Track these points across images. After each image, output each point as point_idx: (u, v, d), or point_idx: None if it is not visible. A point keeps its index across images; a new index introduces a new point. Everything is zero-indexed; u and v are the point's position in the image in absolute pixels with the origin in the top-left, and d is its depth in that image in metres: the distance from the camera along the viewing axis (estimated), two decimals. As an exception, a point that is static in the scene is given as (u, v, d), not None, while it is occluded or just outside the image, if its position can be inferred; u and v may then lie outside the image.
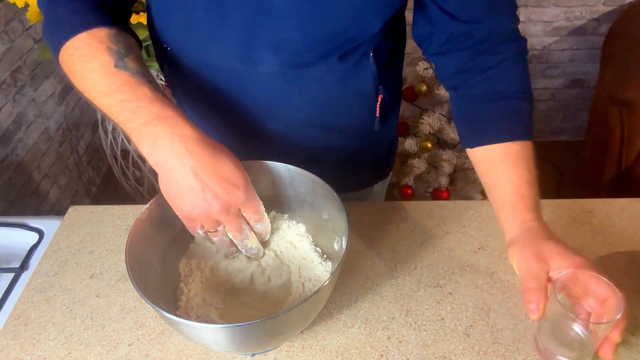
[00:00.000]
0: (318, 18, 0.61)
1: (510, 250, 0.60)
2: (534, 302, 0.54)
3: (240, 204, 0.54)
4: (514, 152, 0.62)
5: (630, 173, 1.78)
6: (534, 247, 0.57)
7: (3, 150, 1.57)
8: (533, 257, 0.56)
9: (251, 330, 0.50)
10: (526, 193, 0.61)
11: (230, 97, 0.71)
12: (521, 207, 0.61)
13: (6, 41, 1.58)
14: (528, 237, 0.58)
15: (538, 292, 0.54)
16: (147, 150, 0.52)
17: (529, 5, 2.04)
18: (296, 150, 0.75)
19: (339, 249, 0.63)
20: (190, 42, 0.67)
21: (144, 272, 0.57)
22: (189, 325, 0.50)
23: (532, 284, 0.54)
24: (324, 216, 0.66)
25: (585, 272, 0.54)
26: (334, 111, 0.74)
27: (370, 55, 0.68)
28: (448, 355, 0.62)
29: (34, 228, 0.83)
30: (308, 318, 0.57)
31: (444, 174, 1.82)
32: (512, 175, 0.62)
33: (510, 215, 0.61)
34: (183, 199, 0.52)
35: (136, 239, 0.58)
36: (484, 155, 0.65)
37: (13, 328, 0.67)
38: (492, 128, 0.65)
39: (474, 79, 0.66)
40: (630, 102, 1.65)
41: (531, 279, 0.55)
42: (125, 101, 0.53)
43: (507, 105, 0.64)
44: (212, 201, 0.52)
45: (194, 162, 0.51)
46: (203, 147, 0.52)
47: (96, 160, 2.19)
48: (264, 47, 0.64)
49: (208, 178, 0.51)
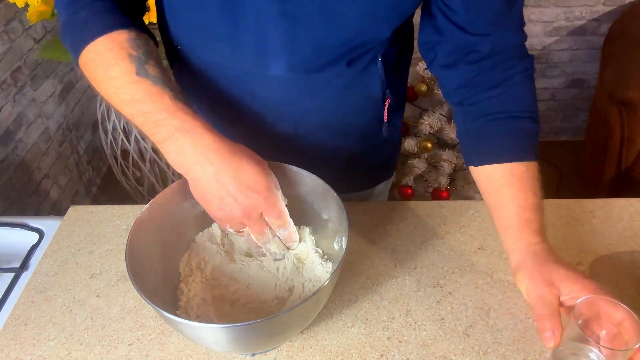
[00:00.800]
0: (330, 24, 0.62)
1: (518, 275, 0.59)
2: (548, 330, 0.53)
3: (261, 208, 0.55)
4: (519, 173, 0.62)
5: (630, 173, 1.78)
6: (543, 272, 0.56)
7: (3, 150, 1.57)
8: (543, 282, 0.55)
9: (251, 330, 0.50)
10: (531, 216, 0.60)
11: (240, 99, 0.72)
12: (527, 230, 0.60)
13: (6, 41, 1.58)
14: (535, 261, 0.58)
15: (552, 319, 0.53)
16: (173, 160, 0.55)
17: (529, 5, 2.04)
18: (302, 153, 0.76)
19: (339, 249, 0.63)
20: (202, 43, 0.68)
21: (144, 272, 0.57)
22: (189, 325, 0.50)
23: (544, 310, 0.54)
24: (324, 216, 0.66)
25: (604, 298, 0.53)
26: (342, 115, 0.75)
27: (378, 60, 0.69)
28: (448, 355, 0.62)
29: (34, 228, 0.83)
30: (308, 318, 0.57)
31: (444, 174, 1.82)
32: (517, 198, 0.61)
33: (516, 239, 0.61)
34: (209, 203, 0.56)
35: (136, 239, 0.58)
36: (488, 175, 0.65)
37: (13, 328, 0.67)
38: (498, 148, 0.64)
39: (479, 96, 0.65)
40: (630, 102, 1.65)
41: (543, 305, 0.54)
42: (147, 113, 0.56)
43: (514, 125, 0.64)
44: (234, 206, 0.54)
45: (215, 169, 0.54)
46: (224, 155, 0.54)
47: (96, 160, 2.19)
48: (276, 52, 0.64)
49: (229, 184, 0.54)
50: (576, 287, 0.54)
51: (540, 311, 0.54)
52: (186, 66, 0.72)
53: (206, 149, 0.54)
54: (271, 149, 0.69)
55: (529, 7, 2.04)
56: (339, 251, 0.62)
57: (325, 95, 0.70)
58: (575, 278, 0.55)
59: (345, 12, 0.60)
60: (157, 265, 0.61)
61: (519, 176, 0.62)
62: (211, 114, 0.77)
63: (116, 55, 0.58)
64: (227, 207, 0.55)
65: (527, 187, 0.61)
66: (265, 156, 0.66)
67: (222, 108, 0.75)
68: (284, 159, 0.66)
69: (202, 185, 0.55)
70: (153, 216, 0.61)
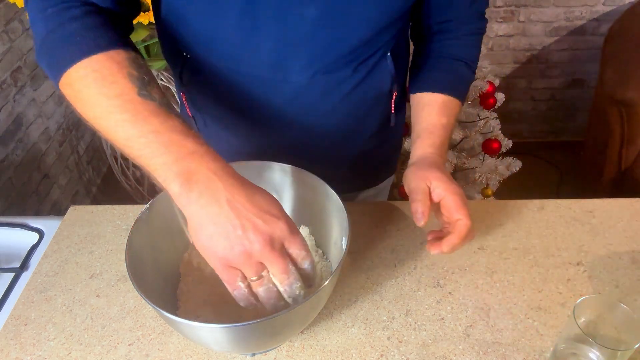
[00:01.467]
0: (349, 25, 0.62)
1: (406, 172, 0.67)
2: (420, 212, 0.60)
3: (283, 236, 0.47)
4: (442, 101, 0.72)
5: (630, 173, 1.78)
6: (423, 171, 0.64)
7: (3, 150, 1.57)
8: (420, 177, 0.63)
9: (251, 330, 0.50)
10: (435, 132, 0.69)
11: (253, 105, 0.72)
12: (427, 142, 0.68)
13: (6, 41, 1.58)
14: (421, 163, 0.66)
15: (423, 204, 0.61)
16: (177, 189, 0.46)
17: (529, 5, 2.04)
18: (315, 155, 0.76)
19: (339, 249, 0.63)
20: (217, 50, 0.67)
21: (144, 272, 0.57)
22: (189, 325, 0.50)
23: (418, 196, 0.61)
24: (324, 216, 0.66)
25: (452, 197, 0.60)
26: (353, 113, 0.76)
27: (388, 55, 0.71)
28: (448, 355, 0.62)
29: (34, 228, 0.83)
30: (308, 318, 0.57)
31: (444, 174, 1.82)
32: (431, 117, 0.70)
33: (417, 147, 0.69)
34: (219, 239, 0.45)
35: (136, 239, 0.58)
36: (419, 99, 0.74)
37: (13, 328, 0.67)
38: (434, 80, 0.74)
39: (434, 43, 0.75)
40: (630, 102, 1.65)
41: (417, 192, 0.62)
42: (153, 132, 0.48)
43: (453, 66, 0.74)
44: (253, 236, 0.45)
45: (230, 195, 0.46)
46: (239, 183, 0.47)
47: (96, 160, 2.19)
48: (296, 56, 0.64)
49: (246, 210, 0.45)
50: (442, 187, 0.61)
51: (415, 197, 0.61)
52: (197, 75, 0.71)
53: (221, 174, 0.47)
54: (284, 153, 0.69)
55: (529, 7, 2.04)
56: (339, 251, 0.62)
57: (339, 96, 0.71)
58: (444, 180, 0.62)
59: (363, 13, 0.62)
60: (157, 265, 0.61)
61: (440, 103, 0.72)
62: (222, 120, 0.77)
63: (115, 73, 0.51)
64: (244, 239, 0.45)
65: (443, 112, 0.71)
66: (272, 157, 0.66)
67: (234, 115, 0.75)
68: (296, 162, 0.65)
69: (212, 215, 0.45)
70: (153, 216, 0.61)
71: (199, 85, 0.74)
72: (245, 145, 0.79)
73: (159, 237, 0.62)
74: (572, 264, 0.73)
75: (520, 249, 0.75)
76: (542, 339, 0.63)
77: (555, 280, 0.71)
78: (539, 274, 0.72)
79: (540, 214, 0.81)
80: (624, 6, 2.02)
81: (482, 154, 1.81)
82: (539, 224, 0.80)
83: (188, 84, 0.75)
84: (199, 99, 0.77)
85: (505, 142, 1.77)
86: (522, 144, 2.33)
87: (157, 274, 0.61)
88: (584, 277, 0.71)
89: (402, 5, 0.64)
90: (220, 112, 0.76)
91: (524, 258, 0.74)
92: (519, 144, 1.91)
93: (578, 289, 0.69)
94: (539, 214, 0.81)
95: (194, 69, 0.71)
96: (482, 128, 1.74)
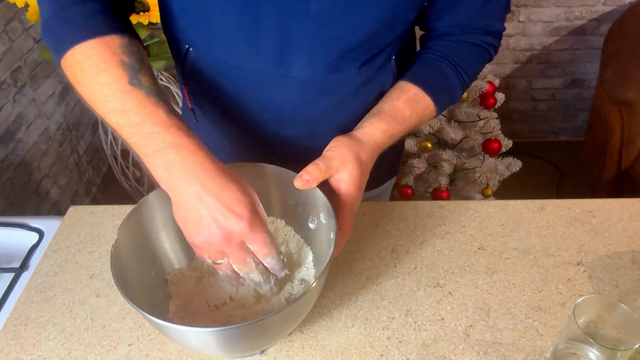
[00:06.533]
0: (353, 22, 0.62)
1: (341, 136, 0.63)
2: (309, 178, 0.58)
3: (242, 235, 0.51)
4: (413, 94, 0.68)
5: (630, 173, 1.78)
6: (351, 153, 0.61)
7: (3, 150, 1.57)
8: (343, 156, 0.60)
9: (237, 333, 0.49)
10: (396, 119, 0.66)
11: (255, 101, 0.71)
12: (384, 125, 0.65)
13: (6, 41, 1.58)
14: (358, 145, 0.62)
15: (319, 176, 0.58)
16: (159, 175, 0.52)
17: (529, 5, 2.04)
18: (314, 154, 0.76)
19: (328, 252, 0.62)
20: (219, 45, 0.67)
21: (133, 274, 0.56)
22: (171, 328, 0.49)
23: (321, 166, 0.59)
24: (315, 219, 0.65)
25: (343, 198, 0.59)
26: (355, 113, 0.75)
27: (393, 58, 0.71)
28: (448, 355, 0.62)
29: (34, 228, 0.83)
30: (295, 321, 0.57)
31: (444, 174, 1.82)
32: (399, 102, 0.67)
33: (371, 123, 0.65)
34: (188, 224, 0.52)
35: (123, 238, 0.57)
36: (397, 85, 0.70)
37: (13, 328, 0.67)
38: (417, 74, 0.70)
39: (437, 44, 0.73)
40: (630, 102, 1.65)
41: (326, 163, 0.59)
42: (139, 124, 0.52)
43: (442, 68, 0.71)
44: (213, 228, 0.50)
45: (200, 188, 0.50)
46: (213, 176, 0.51)
47: (96, 160, 2.19)
48: (298, 51, 0.64)
49: (210, 204, 0.50)
50: (346, 183, 0.59)
51: (319, 163, 0.59)
52: (197, 69, 0.71)
53: (197, 167, 0.51)
54: (285, 152, 0.68)
55: (529, 7, 2.04)
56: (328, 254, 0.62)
57: (341, 95, 0.71)
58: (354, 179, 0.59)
59: (367, 10, 0.61)
60: (148, 268, 0.61)
61: (411, 94, 0.68)
62: (222, 116, 0.77)
63: (107, 60, 0.54)
64: (206, 230, 0.50)
65: (409, 105, 0.67)
66: (273, 157, 0.65)
67: (236, 110, 0.74)
68: (297, 162, 0.64)
69: (183, 203, 0.51)
70: (142, 216, 0.61)
71: (200, 78, 0.74)
72: (244, 140, 0.79)
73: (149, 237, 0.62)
74: (572, 264, 0.73)
75: (520, 249, 0.76)
76: (542, 339, 0.63)
77: (555, 280, 0.71)
78: (539, 274, 0.72)
79: (540, 214, 0.81)
80: (624, 6, 2.02)
81: (482, 154, 1.81)
82: (539, 224, 0.80)
83: (189, 77, 0.75)
84: (200, 91, 0.77)
85: (505, 142, 1.77)
86: (522, 144, 2.33)
87: (148, 277, 0.60)
88: (584, 277, 0.71)
89: (407, 4, 0.64)
90: (221, 106, 0.76)
91: (524, 258, 0.74)
92: (519, 144, 1.92)
93: (578, 289, 0.69)
94: (539, 214, 0.81)
95: (196, 62, 0.71)
96: (482, 128, 1.74)
